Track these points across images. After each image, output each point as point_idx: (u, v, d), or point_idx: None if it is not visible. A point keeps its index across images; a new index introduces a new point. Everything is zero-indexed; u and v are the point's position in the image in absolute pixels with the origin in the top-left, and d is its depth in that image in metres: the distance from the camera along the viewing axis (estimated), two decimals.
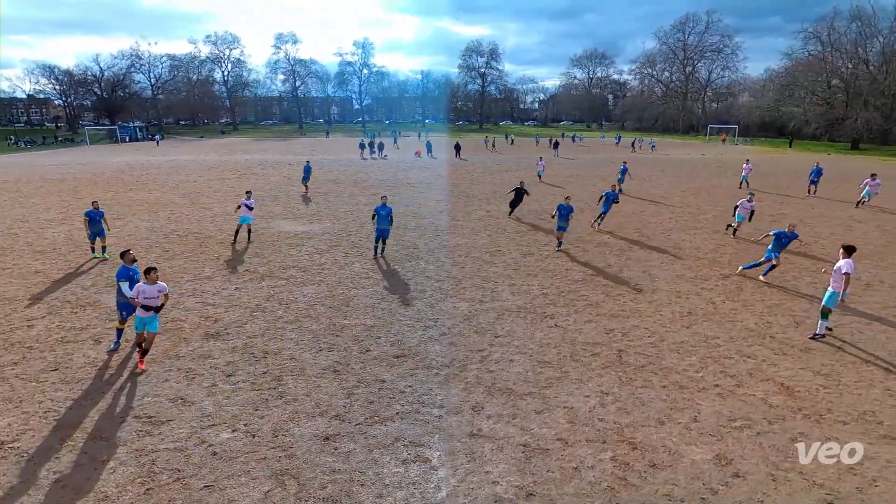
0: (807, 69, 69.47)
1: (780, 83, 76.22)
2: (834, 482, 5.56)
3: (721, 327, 9.64)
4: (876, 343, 8.99)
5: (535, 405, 6.99)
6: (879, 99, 61.46)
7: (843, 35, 65.55)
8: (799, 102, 72.61)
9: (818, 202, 24.03)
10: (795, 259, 14.30)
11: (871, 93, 61.91)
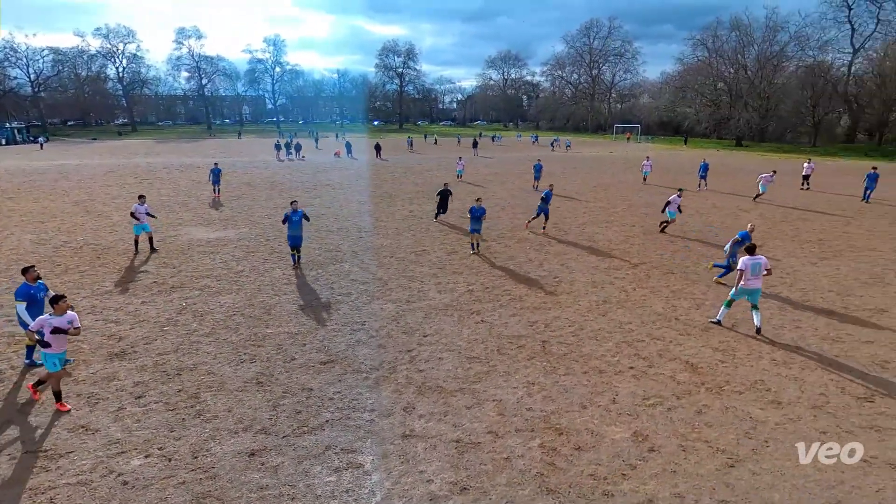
0: (696, 73, 76.20)
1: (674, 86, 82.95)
2: (734, 447, 6.15)
3: (633, 313, 10.33)
4: (765, 319, 10.04)
5: (465, 401, 7.10)
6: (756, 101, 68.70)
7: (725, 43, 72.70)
8: (691, 103, 79.52)
9: (710, 194, 26.45)
10: (695, 246, 15.64)
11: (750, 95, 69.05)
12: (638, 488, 5.47)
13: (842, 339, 9.21)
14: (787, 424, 6.63)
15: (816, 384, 7.64)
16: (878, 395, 7.33)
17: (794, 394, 7.36)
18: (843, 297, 11.40)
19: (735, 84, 71.38)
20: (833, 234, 17.48)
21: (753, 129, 69.85)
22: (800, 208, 22.44)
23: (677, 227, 18.23)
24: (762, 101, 68.47)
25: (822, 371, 8.04)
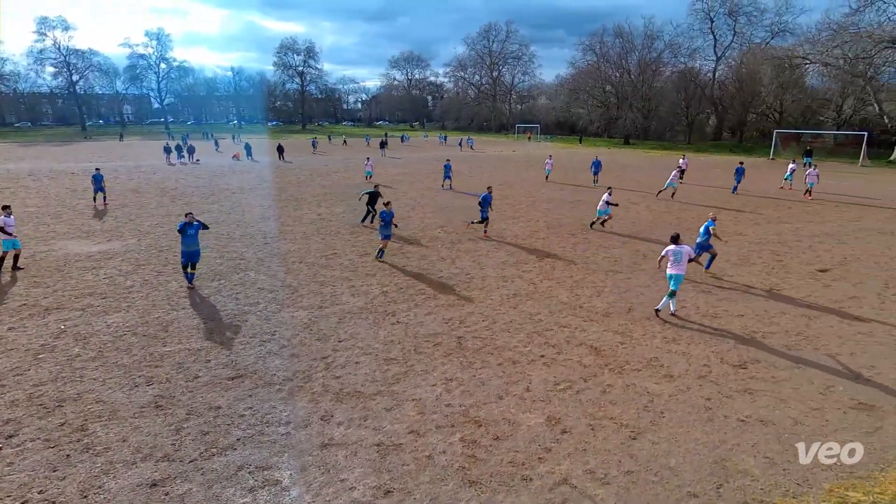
0: (587, 76, 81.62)
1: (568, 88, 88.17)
2: (635, 421, 6.69)
3: (541, 304, 10.85)
4: (654, 302, 11.01)
5: (384, 403, 7.04)
6: (640, 102, 75.11)
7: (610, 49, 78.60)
8: (583, 105, 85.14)
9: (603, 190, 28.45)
10: (593, 237, 16.76)
11: (634, 97, 75.36)
12: (553, 469, 5.76)
13: (719, 315, 10.35)
14: (679, 395, 7.33)
15: (700, 357, 8.52)
16: (749, 363, 8.33)
17: (683, 367, 8.16)
18: (719, 278, 12.80)
19: (621, 87, 77.46)
20: None
21: (638, 128, 76.26)
22: (679, 200, 24.84)
23: (576, 221, 19.44)
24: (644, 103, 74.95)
25: (705, 345, 8.99)
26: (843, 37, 49.47)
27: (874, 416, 6.83)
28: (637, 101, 74.90)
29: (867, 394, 7.38)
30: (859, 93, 53.79)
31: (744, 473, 5.72)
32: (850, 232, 18.15)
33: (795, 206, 23.61)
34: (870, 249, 15.62)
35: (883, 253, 15.27)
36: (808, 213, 21.64)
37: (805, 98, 62.49)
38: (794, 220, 20.26)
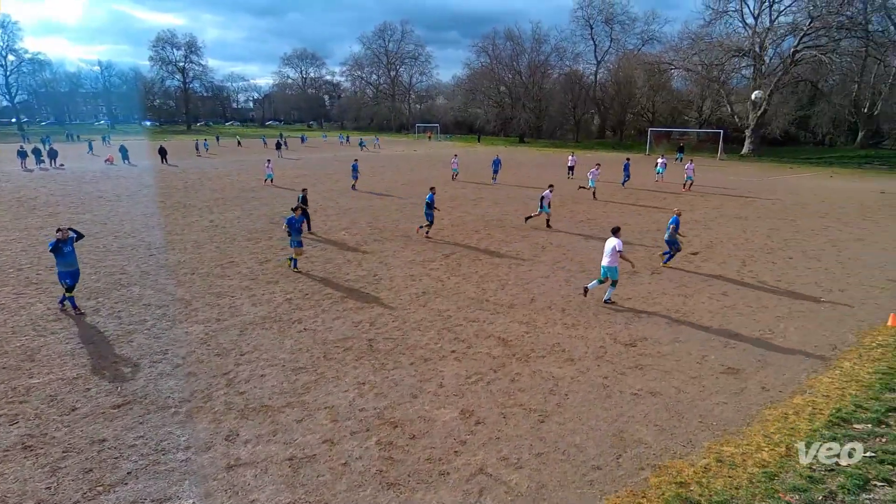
0: (482, 77, 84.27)
1: (465, 88, 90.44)
2: (542, 405, 7.05)
3: (450, 300, 11.05)
4: (554, 291, 11.67)
5: (295, 415, 6.76)
6: (531, 102, 79.05)
7: (502, 51, 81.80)
8: (480, 105, 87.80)
9: (504, 187, 29.62)
10: (495, 233, 17.37)
11: (526, 97, 79.13)
12: (469, 461, 5.90)
13: (611, 300, 11.21)
14: (580, 377, 7.85)
15: (597, 339, 9.18)
16: (638, 341, 9.13)
17: (582, 350, 8.74)
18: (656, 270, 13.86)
19: (514, 88, 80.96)
20: (597, 214, 21.13)
21: (531, 127, 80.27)
22: (571, 195, 26.55)
23: (479, 217, 20.03)
24: (536, 103, 79.03)
25: (600, 328, 9.70)
26: (699, 46, 55.86)
27: (739, 379, 7.81)
28: (529, 102, 78.74)
29: (733, 359, 8.42)
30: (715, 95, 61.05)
31: (639, 442, 6.27)
32: (714, 218, 20.57)
33: (670, 197, 26.26)
34: (730, 233, 17.81)
35: (739, 236, 17.48)
36: (681, 203, 24.17)
37: (672, 100, 69.73)
38: (669, 209, 22.51)
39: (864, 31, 48.12)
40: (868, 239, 17.06)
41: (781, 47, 52.65)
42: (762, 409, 6.98)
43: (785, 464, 5.81)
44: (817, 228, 18.65)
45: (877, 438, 6.24)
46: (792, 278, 12.73)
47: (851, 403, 7.01)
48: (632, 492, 5.41)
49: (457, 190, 27.43)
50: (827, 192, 27.90)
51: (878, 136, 57.08)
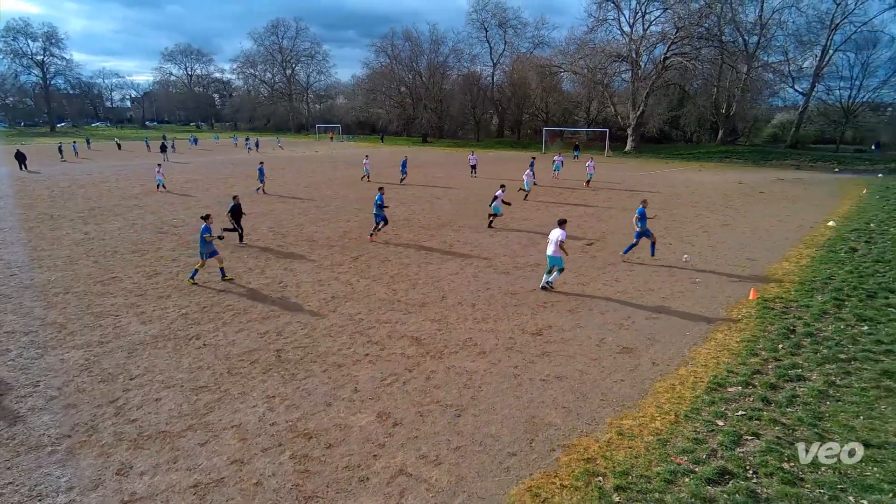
0: (382, 77, 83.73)
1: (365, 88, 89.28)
2: (458, 400, 7.19)
3: (360, 303, 10.87)
4: (464, 288, 11.92)
5: (198, 438, 6.29)
6: (432, 103, 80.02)
7: (401, 51, 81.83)
8: (382, 105, 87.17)
9: (410, 187, 29.71)
10: (403, 233, 17.37)
11: (427, 98, 79.94)
12: (389, 463, 5.86)
13: (517, 292, 11.70)
14: (492, 368, 8.10)
15: (506, 331, 9.54)
16: (544, 329, 9.62)
17: (493, 342, 9.03)
18: (513, 258, 14.46)
19: (414, 88, 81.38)
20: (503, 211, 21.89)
21: (434, 127, 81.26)
22: (476, 193, 27.29)
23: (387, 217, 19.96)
24: (437, 104, 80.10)
25: (508, 320, 10.08)
26: (584, 51, 59.93)
27: (633, 357, 8.52)
28: (430, 102, 79.62)
29: (627, 340, 9.17)
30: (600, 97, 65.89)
31: (549, 425, 6.61)
32: (605, 210, 22.22)
33: (566, 192, 27.93)
34: (619, 225, 19.34)
35: (628, 226, 19.04)
36: (577, 198, 25.80)
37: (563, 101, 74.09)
38: (566, 203, 23.95)
39: (719, 42, 54.55)
40: (732, 224, 19.38)
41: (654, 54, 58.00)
42: (654, 382, 7.67)
43: (674, 429, 6.44)
44: (690, 216, 20.84)
45: (745, 398, 7.12)
46: (672, 262, 14.11)
47: (724, 370, 7.93)
48: (545, 473, 5.70)
49: (362, 191, 27.06)
50: (696, 184, 31.25)
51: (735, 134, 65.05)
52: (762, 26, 54.67)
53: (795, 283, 12.11)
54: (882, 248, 15.02)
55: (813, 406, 6.87)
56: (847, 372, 7.78)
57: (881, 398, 7.03)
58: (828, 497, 5.19)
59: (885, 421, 6.49)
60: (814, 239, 16.71)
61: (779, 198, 25.80)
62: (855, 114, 55.28)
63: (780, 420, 6.56)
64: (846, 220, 19.64)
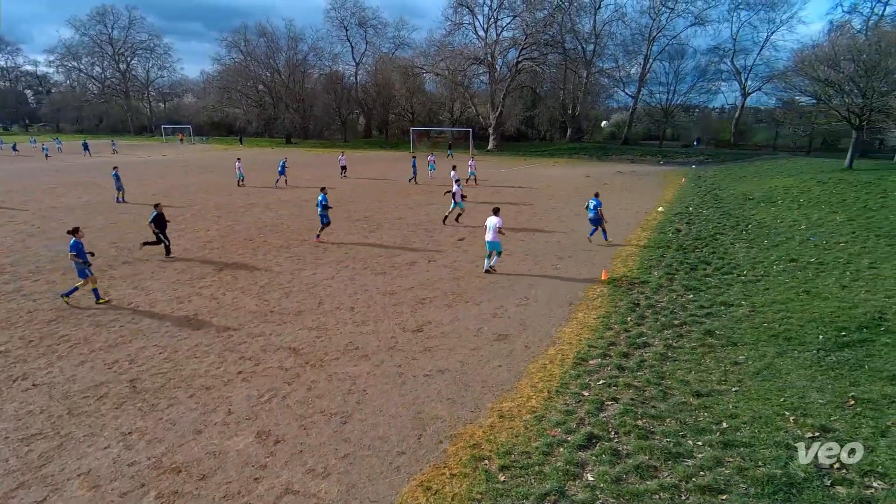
0: (237, 75, 77.93)
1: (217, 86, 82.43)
2: (342, 407, 7.02)
3: (229, 318, 10.08)
4: (340, 292, 11.66)
5: (33, 496, 5.34)
6: (294, 102, 76.68)
7: (256, 47, 76.98)
8: (238, 104, 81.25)
9: (276, 190, 28.18)
10: (271, 239, 16.44)
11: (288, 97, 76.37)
12: (273, 484, 5.53)
13: (395, 291, 11.75)
14: (376, 370, 8.05)
15: (387, 331, 9.53)
16: (424, 325, 9.79)
17: (375, 344, 8.97)
18: (389, 258, 14.48)
19: (273, 87, 77.16)
20: (374, 211, 21.80)
21: (298, 127, 77.98)
22: (347, 194, 26.79)
23: (251, 224, 18.72)
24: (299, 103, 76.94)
25: (389, 320, 10.08)
26: (444, 53, 62.01)
27: (508, 343, 9.06)
28: (292, 102, 76.21)
29: (502, 327, 9.72)
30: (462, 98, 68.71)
31: (436, 418, 6.76)
32: (474, 207, 23.22)
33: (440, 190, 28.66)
34: None
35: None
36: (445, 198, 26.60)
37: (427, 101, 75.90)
38: (435, 201, 24.59)
39: (563, 49, 60.22)
40: (583, 214, 21.45)
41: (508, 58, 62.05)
42: (528, 364, 8.24)
43: (548, 405, 6.99)
44: (548, 209, 22.68)
45: (604, 369, 7.98)
46: (536, 251, 15.25)
47: (586, 345, 8.80)
48: (435, 466, 5.82)
49: (224, 197, 25.05)
50: (551, 179, 34.12)
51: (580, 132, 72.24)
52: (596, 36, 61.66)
53: (636, 262, 13.84)
54: (699, 228, 17.82)
55: (657, 368, 7.93)
56: (680, 335, 9.11)
57: (706, 354, 8.35)
58: (672, 444, 6.04)
59: (710, 373, 7.73)
60: (648, 223, 19.23)
61: (619, 188, 29.23)
62: (672, 114, 64.79)
63: (633, 384, 7.46)
64: (671, 206, 22.91)
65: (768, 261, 13.46)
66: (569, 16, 58.49)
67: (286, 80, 76.30)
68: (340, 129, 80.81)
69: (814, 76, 32.19)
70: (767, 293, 11.02)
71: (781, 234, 16.44)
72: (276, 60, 77.26)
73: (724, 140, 62.10)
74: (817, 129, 47.89)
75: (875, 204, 19.94)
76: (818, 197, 22.57)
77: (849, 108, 31.27)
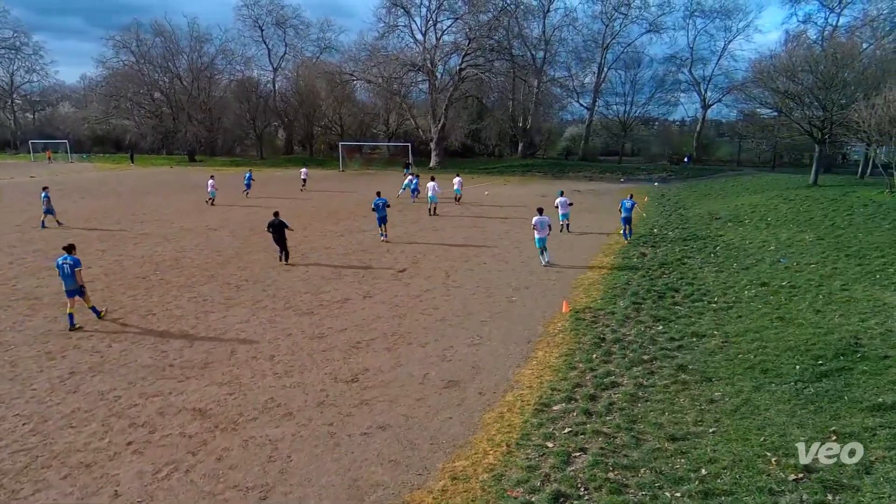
0: (127, 80, 75.22)
1: (103, 93, 79.27)
2: (262, 478, 6.70)
3: (116, 375, 9.47)
4: (262, 336, 11.26)
5: None
6: (199, 113, 74.81)
7: (151, 48, 74.87)
8: (130, 115, 78.21)
9: (180, 217, 27.11)
10: (170, 276, 15.72)
11: (192, 107, 74.44)
12: None
13: (325, 334, 11.49)
14: (302, 431, 7.77)
15: (315, 383, 9.26)
16: (360, 374, 9.60)
17: (302, 399, 8.68)
18: (316, 295, 14.20)
19: (173, 95, 75.02)
20: (296, 241, 21.39)
21: (203, 142, 75.97)
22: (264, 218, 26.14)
23: (145, 259, 17.88)
24: (205, 114, 75.17)
25: (317, 369, 9.82)
26: (377, 58, 62.91)
27: (460, 390, 9.02)
28: (196, 112, 74.33)
29: (452, 372, 9.69)
30: (398, 108, 69.69)
31: (377, 485, 6.58)
32: (415, 232, 23.32)
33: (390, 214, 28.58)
34: (434, 250, 20.46)
35: (438, 248, 20.28)
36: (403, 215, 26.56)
37: (359, 112, 76.36)
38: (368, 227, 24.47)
39: (510, 55, 62.69)
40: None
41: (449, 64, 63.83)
42: (482, 414, 8.22)
43: (508, 461, 6.97)
44: (501, 232, 23.14)
45: (570, 414, 8.09)
46: (488, 282, 15.44)
47: (548, 388, 8.91)
48: None
49: (109, 226, 23.81)
50: (503, 199, 34.94)
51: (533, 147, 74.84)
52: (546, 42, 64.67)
53: (600, 291, 14.29)
54: (664, 252, 18.71)
55: (627, 410, 8.13)
56: (651, 372, 9.41)
57: (680, 392, 8.66)
58: (649, 497, 6.15)
59: (684, 413, 8.01)
60: (610, 247, 19.99)
61: (578, 209, 30.34)
62: (630, 127, 68.51)
63: (602, 430, 7.59)
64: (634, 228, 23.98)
65: (739, 285, 14.28)
66: (515, 19, 61.00)
67: (189, 86, 74.46)
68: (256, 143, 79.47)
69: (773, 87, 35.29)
70: (740, 321, 11.65)
71: (751, 255, 17.54)
72: (177, 64, 75.42)
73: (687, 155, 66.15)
74: (781, 144, 52.22)
75: (842, 222, 21.78)
76: (785, 215, 24.40)
77: (810, 120, 34.37)
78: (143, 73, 74.59)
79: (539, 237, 17.10)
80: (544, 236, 17.15)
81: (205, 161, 71.67)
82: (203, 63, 75.59)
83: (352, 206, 31.26)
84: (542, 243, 17.17)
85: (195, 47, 75.26)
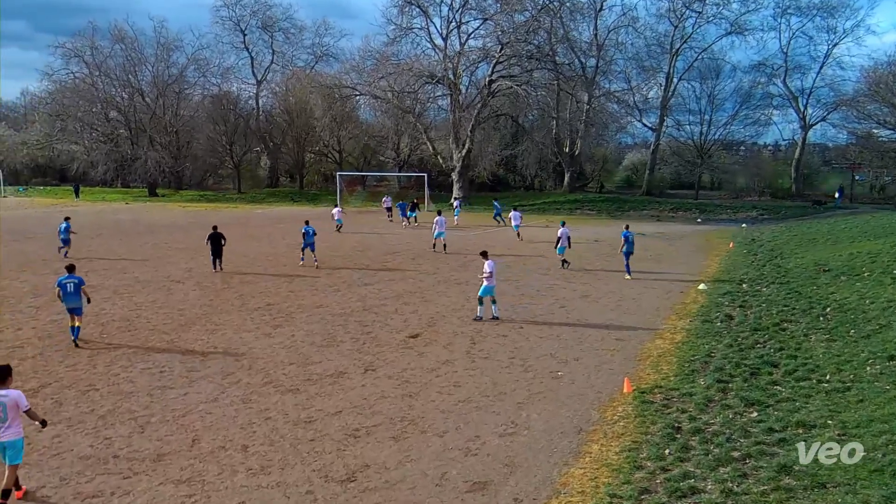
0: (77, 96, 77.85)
1: (47, 111, 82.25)
2: None
3: (46, 468, 9.50)
4: (228, 420, 11.24)
5: None
6: (164, 136, 77.11)
7: (109, 58, 77.68)
8: (78, 138, 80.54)
9: (136, 266, 27.63)
10: (119, 339, 15.90)
11: (155, 129, 76.74)
12: None
13: (313, 417, 11.43)
14: None
15: (300, 481, 9.15)
16: (358, 471, 9.47)
17: (282, 502, 8.56)
18: (304, 366, 14.20)
19: (133, 114, 77.39)
20: (280, 297, 21.60)
21: (167, 172, 77.69)
22: (242, 270, 26.55)
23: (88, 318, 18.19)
24: (171, 137, 77.46)
25: (303, 464, 9.72)
26: (386, 68, 64.57)
27: (489, 494, 8.82)
28: (160, 135, 76.62)
29: (478, 470, 9.50)
30: (412, 130, 71.03)
31: None
32: (431, 286, 23.38)
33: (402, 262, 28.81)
34: (451, 304, 20.46)
35: (464, 304, 20.25)
36: (388, 271, 26.73)
37: (362, 135, 77.99)
38: (372, 279, 24.62)
39: (553, 63, 63.81)
40: (592, 295, 21.93)
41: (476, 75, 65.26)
42: None
43: None
44: (542, 288, 23.09)
45: None
46: (526, 352, 15.30)
47: (605, 494, 8.66)
48: None
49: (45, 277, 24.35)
50: (545, 244, 34.97)
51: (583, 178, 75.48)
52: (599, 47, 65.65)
53: (673, 365, 14.04)
54: (758, 313, 18.43)
55: None
56: (743, 474, 9.11)
57: (783, 502, 8.34)
58: None
59: None
60: (686, 307, 19.77)
61: (642, 257, 30.19)
62: (708, 153, 68.55)
63: None
64: (717, 282, 23.75)
65: (858, 359, 13.93)
66: (560, 20, 62.00)
67: (152, 103, 76.89)
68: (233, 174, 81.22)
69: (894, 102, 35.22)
70: (862, 407, 11.29)
71: (873, 319, 17.16)
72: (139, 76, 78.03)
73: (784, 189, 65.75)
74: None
75: None
76: None
77: None
78: (98, 87, 77.01)
79: (487, 286, 18.41)
80: (492, 284, 18.49)
81: (168, 196, 73.42)
82: (171, 75, 78.08)
83: (349, 252, 31.57)
84: (490, 292, 18.46)
85: (162, 56, 77.84)
